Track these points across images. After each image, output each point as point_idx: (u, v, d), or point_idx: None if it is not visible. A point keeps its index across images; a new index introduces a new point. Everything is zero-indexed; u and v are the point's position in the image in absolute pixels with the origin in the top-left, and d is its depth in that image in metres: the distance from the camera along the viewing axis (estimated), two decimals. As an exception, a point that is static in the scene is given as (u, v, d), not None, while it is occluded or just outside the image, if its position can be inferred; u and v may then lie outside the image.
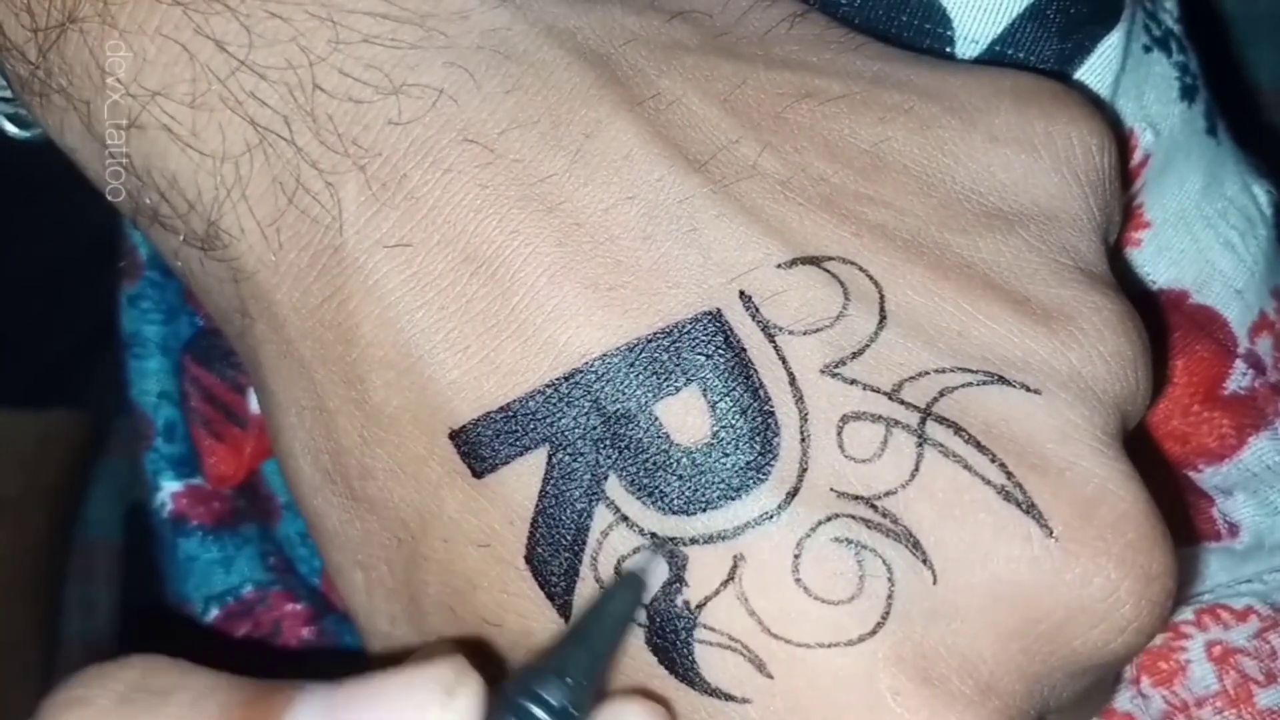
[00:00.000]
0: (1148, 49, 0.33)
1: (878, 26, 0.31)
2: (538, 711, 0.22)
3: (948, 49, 0.31)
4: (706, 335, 0.24)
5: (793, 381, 0.24)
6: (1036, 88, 0.28)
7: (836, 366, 0.25)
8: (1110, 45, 0.32)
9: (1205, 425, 0.34)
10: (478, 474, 0.25)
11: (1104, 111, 0.29)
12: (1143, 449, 0.28)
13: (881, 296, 0.25)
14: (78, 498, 0.79)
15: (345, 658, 0.38)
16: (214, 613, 0.40)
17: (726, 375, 0.24)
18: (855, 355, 0.25)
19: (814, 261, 0.25)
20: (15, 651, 0.75)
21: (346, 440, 0.26)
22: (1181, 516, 0.34)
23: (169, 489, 0.41)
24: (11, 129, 0.30)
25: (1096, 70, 0.32)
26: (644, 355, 0.24)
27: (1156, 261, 0.34)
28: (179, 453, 0.41)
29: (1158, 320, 0.34)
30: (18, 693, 0.75)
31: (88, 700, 0.21)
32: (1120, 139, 0.30)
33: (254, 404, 0.39)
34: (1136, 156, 0.33)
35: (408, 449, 0.25)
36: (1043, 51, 0.31)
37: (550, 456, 0.24)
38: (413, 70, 0.25)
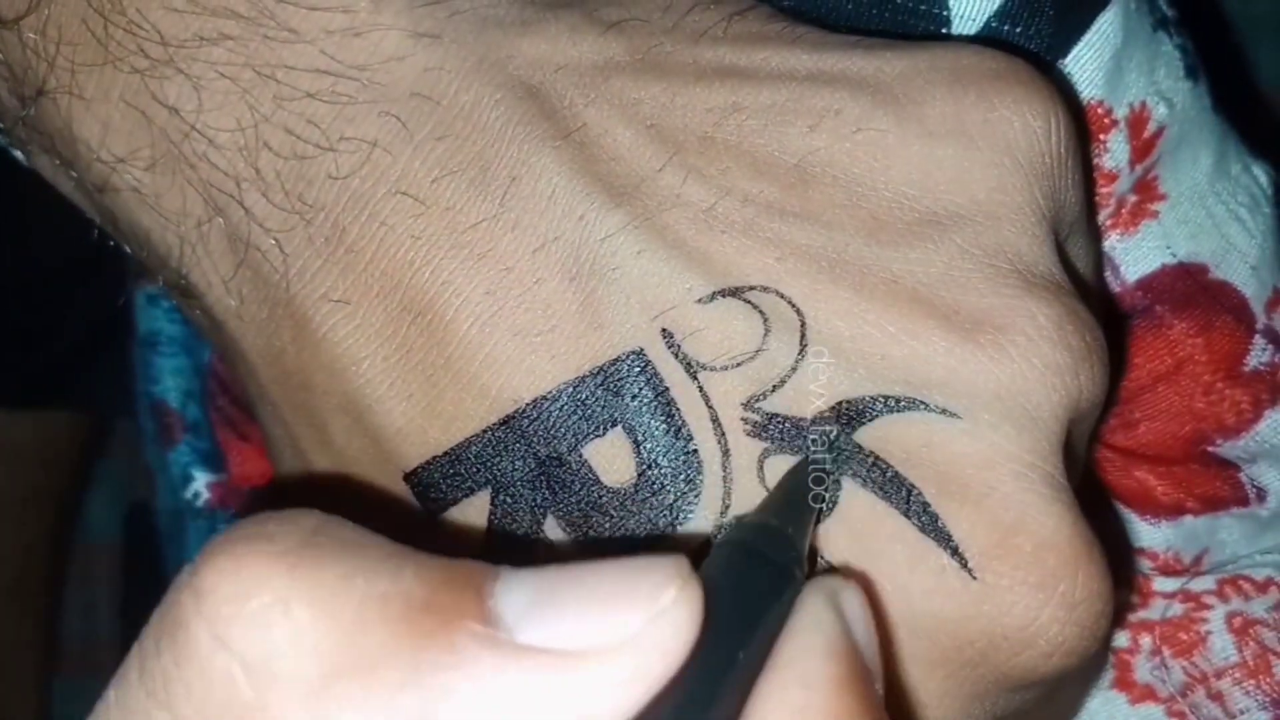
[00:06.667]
0: (1154, 28, 0.32)
1: (873, 8, 0.31)
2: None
3: (944, 30, 0.31)
4: (631, 376, 0.25)
5: (715, 419, 0.25)
6: (976, 69, 0.26)
7: (757, 400, 0.25)
8: (1107, 21, 0.31)
9: (1225, 403, 0.33)
10: (432, 513, 0.26)
11: (1052, 88, 0.27)
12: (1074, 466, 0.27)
13: (803, 324, 0.25)
14: (78, 498, 0.78)
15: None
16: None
17: (649, 416, 0.25)
18: (776, 388, 0.25)
19: (734, 293, 0.25)
20: (15, 652, 0.75)
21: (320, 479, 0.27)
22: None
23: (204, 479, 0.41)
24: (20, 155, 0.30)
25: (1095, 45, 0.31)
26: (572, 399, 0.25)
27: (1175, 234, 0.33)
28: (206, 449, 0.41)
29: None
30: (18, 693, 0.75)
31: (270, 536, 0.18)
32: (1076, 114, 0.29)
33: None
34: (1150, 129, 0.32)
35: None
36: (1039, 26, 0.31)
37: (494, 497, 0.25)
38: (349, 124, 0.26)
